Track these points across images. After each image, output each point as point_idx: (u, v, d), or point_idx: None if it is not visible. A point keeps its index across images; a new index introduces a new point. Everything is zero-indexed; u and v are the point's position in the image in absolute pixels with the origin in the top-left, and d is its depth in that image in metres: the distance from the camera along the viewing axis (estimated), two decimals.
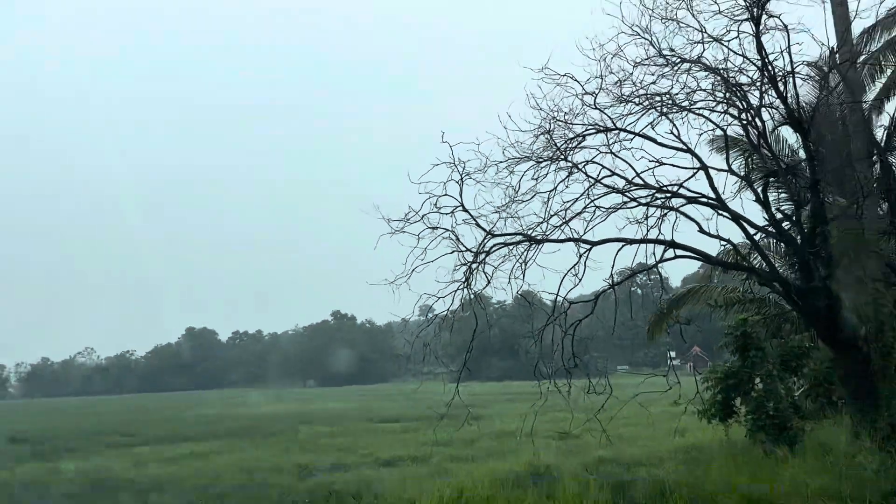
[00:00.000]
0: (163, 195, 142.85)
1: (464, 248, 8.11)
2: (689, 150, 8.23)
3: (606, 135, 8.29)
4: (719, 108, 8.46)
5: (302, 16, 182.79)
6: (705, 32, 7.83)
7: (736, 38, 7.89)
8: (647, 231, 8.22)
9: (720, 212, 8.29)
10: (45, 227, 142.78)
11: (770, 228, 8.75)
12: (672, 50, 8.07)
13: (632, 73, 8.19)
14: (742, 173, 9.33)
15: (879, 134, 10.54)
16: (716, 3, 7.72)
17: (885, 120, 10.76)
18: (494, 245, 8.33)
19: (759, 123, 8.23)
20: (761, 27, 7.73)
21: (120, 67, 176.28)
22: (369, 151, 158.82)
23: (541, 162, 8.29)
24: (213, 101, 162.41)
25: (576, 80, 8.13)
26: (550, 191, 8.33)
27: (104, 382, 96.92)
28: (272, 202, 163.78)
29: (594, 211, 8.26)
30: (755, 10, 7.65)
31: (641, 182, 8.26)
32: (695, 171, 8.19)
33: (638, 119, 8.36)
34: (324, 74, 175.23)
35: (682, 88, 8.16)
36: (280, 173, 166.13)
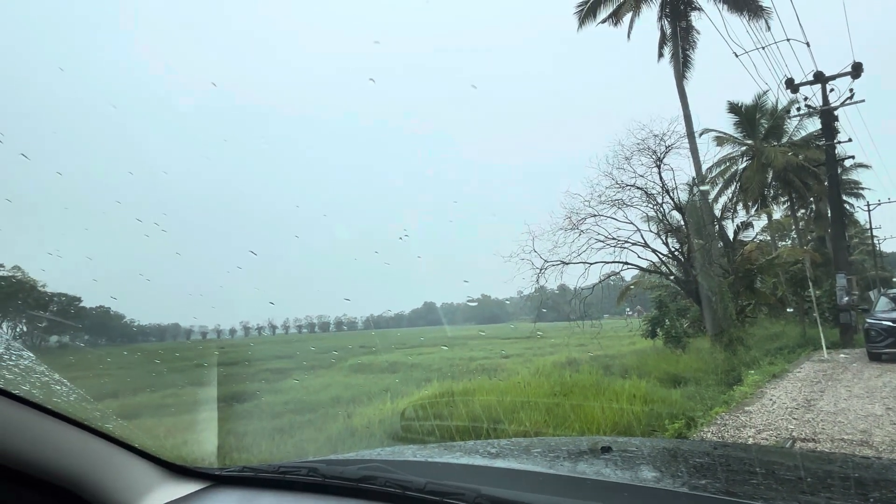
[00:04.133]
0: None
1: (535, 267, 15.24)
2: (630, 222, 15.38)
3: (595, 217, 15.37)
4: (643, 205, 15.46)
5: None
6: (637, 174, 15.01)
7: (649, 173, 15.03)
8: (614, 257, 15.45)
9: (646, 248, 15.47)
10: None
11: (670, 254, 15.87)
12: (622, 181, 15.17)
13: (605, 190, 15.25)
14: (655, 230, 16.02)
15: (718, 212, 17.78)
16: (641, 164, 14.87)
17: (719, 206, 18.03)
18: (547, 265, 15.44)
19: (662, 210, 15.39)
20: (661, 169, 14.93)
21: None
22: None
23: (567, 229, 15.31)
24: None
25: (580, 195, 15.28)
26: (572, 242, 15.37)
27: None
28: None
29: (588, 250, 15.37)
30: (659, 164, 14.85)
31: (611, 236, 15.38)
32: (633, 232, 15.39)
33: (610, 209, 15.38)
34: None
35: (628, 196, 15.27)
36: None
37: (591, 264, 14.85)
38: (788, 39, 15.00)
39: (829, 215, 18.11)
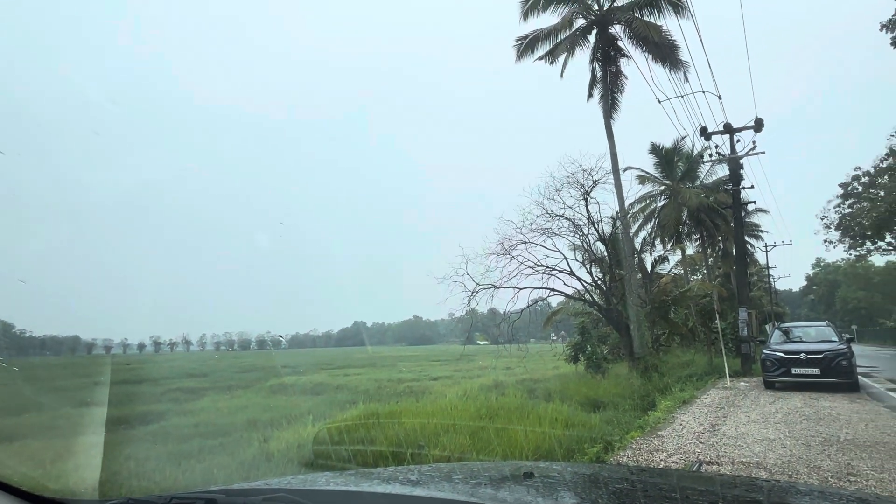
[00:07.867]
0: None
1: (468, 290, 15.39)
2: (558, 251, 15.98)
3: (526, 245, 15.82)
4: (571, 235, 16.15)
5: None
6: (566, 205, 15.70)
7: (577, 205, 15.79)
8: (542, 283, 15.92)
9: (572, 276, 16.10)
10: None
11: (593, 283, 16.60)
12: (551, 211, 15.78)
13: (536, 219, 15.79)
14: (581, 259, 16.83)
15: (638, 245, 18.99)
16: (570, 196, 15.59)
17: (639, 239, 19.38)
18: (479, 288, 15.66)
19: (588, 240, 16.16)
20: (588, 202, 15.71)
21: None
22: None
23: (499, 254, 15.65)
24: None
25: (513, 221, 15.71)
26: (503, 266, 15.75)
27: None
28: None
29: (518, 275, 15.77)
30: (586, 197, 15.63)
31: (540, 263, 15.87)
32: (560, 260, 15.98)
33: (540, 236, 15.92)
34: None
35: (556, 226, 15.88)
36: None
37: (521, 289, 15.26)
38: (704, 91, 16.44)
39: (735, 253, 19.76)
